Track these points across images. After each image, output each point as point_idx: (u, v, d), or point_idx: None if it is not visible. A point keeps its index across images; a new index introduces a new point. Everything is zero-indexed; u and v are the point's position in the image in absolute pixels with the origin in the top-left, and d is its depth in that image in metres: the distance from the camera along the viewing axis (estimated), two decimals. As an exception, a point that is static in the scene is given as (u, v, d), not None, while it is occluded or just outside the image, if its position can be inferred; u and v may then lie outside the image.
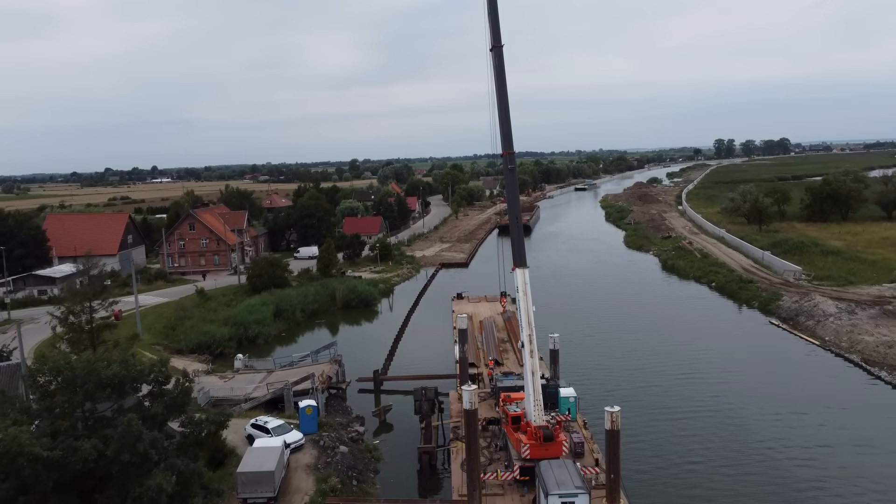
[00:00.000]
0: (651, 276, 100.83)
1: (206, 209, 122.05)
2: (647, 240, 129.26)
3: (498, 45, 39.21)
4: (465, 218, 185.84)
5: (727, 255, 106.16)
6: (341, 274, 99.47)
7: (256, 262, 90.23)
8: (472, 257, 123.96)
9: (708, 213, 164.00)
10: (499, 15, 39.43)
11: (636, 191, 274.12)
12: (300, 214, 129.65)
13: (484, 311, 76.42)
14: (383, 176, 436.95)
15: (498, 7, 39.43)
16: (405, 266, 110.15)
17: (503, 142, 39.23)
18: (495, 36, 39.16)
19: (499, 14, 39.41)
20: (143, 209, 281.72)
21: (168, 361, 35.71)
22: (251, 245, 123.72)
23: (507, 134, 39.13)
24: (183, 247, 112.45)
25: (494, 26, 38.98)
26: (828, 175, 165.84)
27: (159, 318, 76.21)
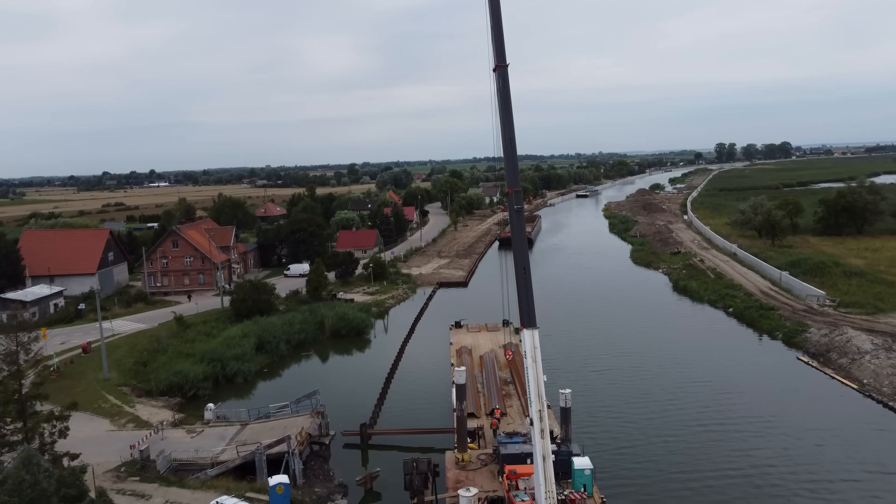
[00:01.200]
0: (662, 299, 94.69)
1: (192, 225, 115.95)
2: (655, 256, 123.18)
3: (502, 65, 33.41)
4: (465, 229, 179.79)
5: (742, 274, 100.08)
6: (332, 296, 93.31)
7: (240, 287, 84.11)
8: (472, 275, 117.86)
9: (716, 225, 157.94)
10: (503, 32, 33.78)
11: (639, 198, 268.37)
12: (291, 229, 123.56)
13: (484, 343, 70.36)
14: (382, 181, 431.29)
15: (502, 23, 33.67)
16: (401, 286, 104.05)
17: (509, 178, 33.26)
18: (499, 54, 33.38)
19: (503, 31, 33.89)
20: (136, 217, 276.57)
21: (85, 471, 29.73)
22: (239, 262, 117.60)
23: (513, 169, 33.26)
24: (166, 265, 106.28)
25: (498, 44, 33.82)
26: (843, 186, 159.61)
27: (132, 351, 70.07)
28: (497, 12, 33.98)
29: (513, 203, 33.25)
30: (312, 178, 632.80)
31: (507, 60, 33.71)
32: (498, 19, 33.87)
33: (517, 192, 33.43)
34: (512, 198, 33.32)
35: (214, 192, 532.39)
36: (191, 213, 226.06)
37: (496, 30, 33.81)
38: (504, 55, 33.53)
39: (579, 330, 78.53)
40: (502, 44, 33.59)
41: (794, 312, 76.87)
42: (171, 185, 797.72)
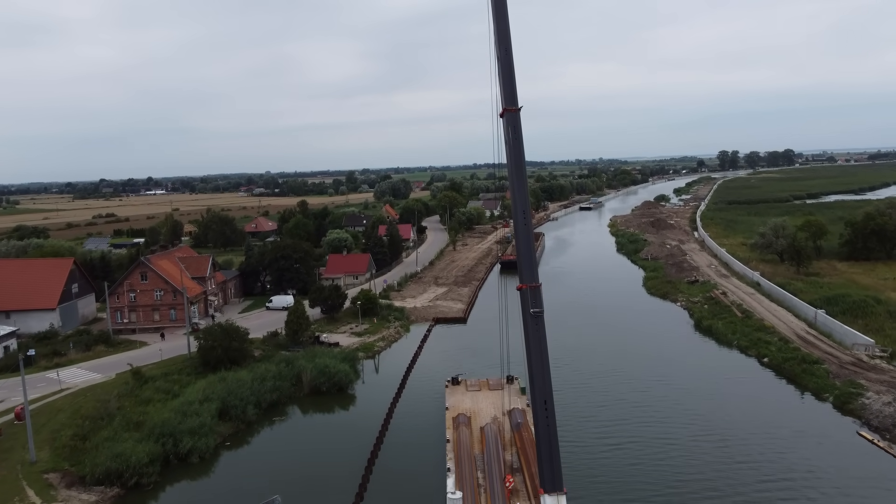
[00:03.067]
0: (684, 342, 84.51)
1: (164, 253, 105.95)
2: (670, 285, 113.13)
3: (512, 109, 24.45)
4: (464, 249, 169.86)
5: (771, 311, 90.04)
6: (314, 339, 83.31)
7: (209, 332, 74.04)
8: (472, 306, 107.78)
9: (732, 247, 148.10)
10: (514, 73, 27.99)
11: (645, 211, 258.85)
12: (275, 256, 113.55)
13: (486, 407, 60.31)
14: (380, 191, 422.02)
15: (514, 64, 26.39)
16: (392, 323, 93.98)
17: (523, 272, 23.58)
18: (510, 96, 24.93)
19: (514, 72, 28.18)
20: (124, 231, 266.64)
21: None
22: (216, 294, 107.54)
23: (528, 260, 23.98)
24: (133, 300, 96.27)
25: (509, 85, 28.17)
26: (860, 199, 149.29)
27: (74, 417, 60.04)
28: (507, 49, 28.93)
29: (528, 304, 23.49)
30: (310, 187, 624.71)
31: (518, 103, 24.47)
32: (509, 57, 28.45)
33: (534, 288, 23.67)
34: (528, 295, 23.56)
35: (210, 202, 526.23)
36: (177, 230, 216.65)
37: (506, 69, 28.50)
38: (516, 97, 24.46)
39: (594, 385, 68.52)
40: (513, 84, 25.09)
41: (842, 366, 66.85)
42: (167, 192, 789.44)
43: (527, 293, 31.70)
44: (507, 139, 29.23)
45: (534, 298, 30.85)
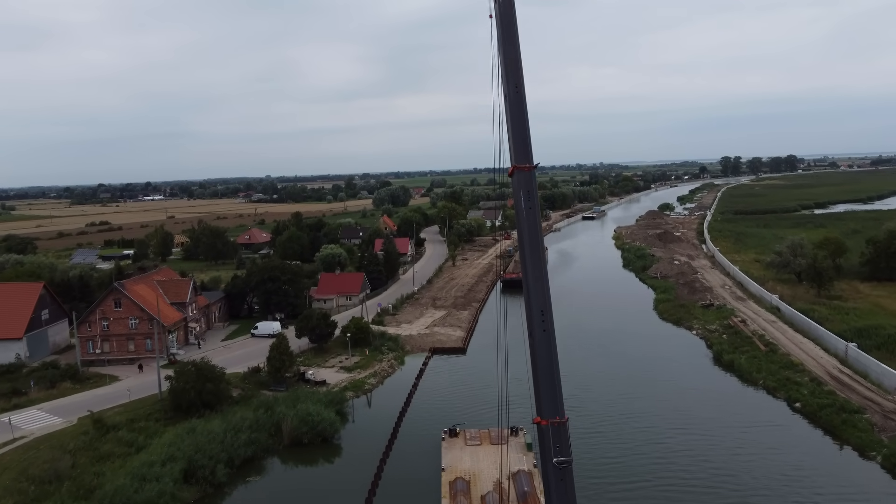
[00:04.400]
0: (703, 379, 77.27)
1: (141, 277, 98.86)
2: (684, 309, 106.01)
3: (524, 167, 18.47)
4: (464, 264, 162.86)
5: (797, 344, 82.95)
6: (299, 376, 76.26)
7: (182, 373, 66.95)
8: (472, 333, 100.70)
9: (745, 264, 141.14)
10: (528, 117, 24.15)
11: (650, 222, 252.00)
12: (262, 278, 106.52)
13: (487, 467, 53.24)
14: (379, 199, 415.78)
15: (526, 105, 24.40)
16: (386, 355, 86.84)
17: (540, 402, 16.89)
18: (522, 150, 22.94)
19: (528, 116, 24.39)
20: (115, 241, 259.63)
21: None
22: (198, 319, 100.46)
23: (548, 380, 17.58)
24: (106, 328, 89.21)
25: (521, 136, 24.12)
26: (892, 225, 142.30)
27: (20, 478, 52.92)
28: (518, 86, 25.51)
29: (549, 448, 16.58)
30: (309, 193, 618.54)
31: (533, 159, 18.31)
32: (520, 97, 24.86)
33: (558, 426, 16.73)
34: (548, 436, 16.66)
35: (207, 208, 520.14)
36: (168, 242, 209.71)
37: (517, 113, 24.74)
38: (529, 151, 18.56)
39: (607, 433, 61.44)
40: (527, 135, 20.57)
41: (886, 416, 59.73)
42: (165, 198, 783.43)
43: (547, 433, 24.34)
44: (519, 205, 23.82)
45: (558, 440, 23.54)
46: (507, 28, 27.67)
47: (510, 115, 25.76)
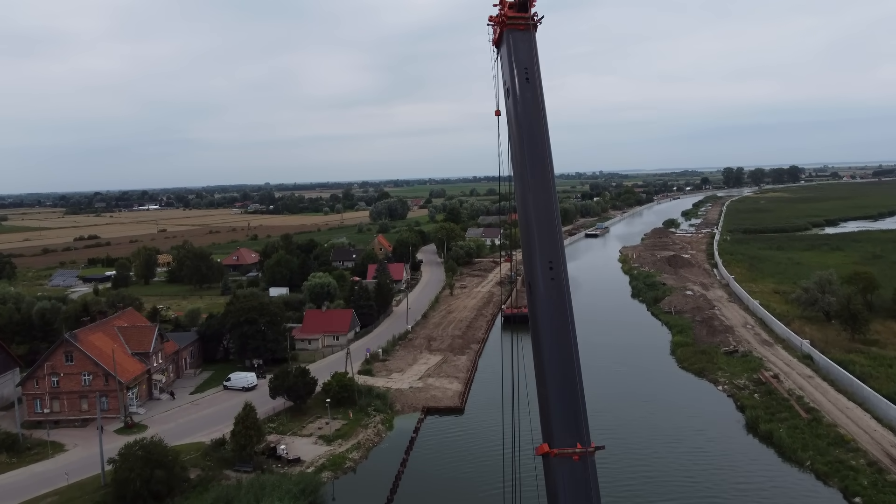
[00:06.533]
0: (737, 455, 66.84)
1: (101, 323, 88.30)
2: (706, 357, 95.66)
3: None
4: (462, 293, 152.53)
5: (842, 409, 72.59)
6: (269, 453, 65.80)
7: (127, 457, 56.51)
8: (470, 385, 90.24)
9: (765, 295, 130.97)
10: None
11: (656, 241, 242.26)
12: (237, 320, 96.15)
13: None
14: (376, 212, 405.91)
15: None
16: (372, 417, 76.38)
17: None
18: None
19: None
20: (100, 259, 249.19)
21: None
22: (164, 369, 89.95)
23: None
24: (56, 385, 78.76)
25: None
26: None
27: None
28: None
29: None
30: (306, 204, 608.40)
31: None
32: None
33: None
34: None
35: (201, 220, 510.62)
36: (151, 264, 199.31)
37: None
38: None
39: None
40: None
41: (971, 523, 49.44)
42: (161, 207, 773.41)
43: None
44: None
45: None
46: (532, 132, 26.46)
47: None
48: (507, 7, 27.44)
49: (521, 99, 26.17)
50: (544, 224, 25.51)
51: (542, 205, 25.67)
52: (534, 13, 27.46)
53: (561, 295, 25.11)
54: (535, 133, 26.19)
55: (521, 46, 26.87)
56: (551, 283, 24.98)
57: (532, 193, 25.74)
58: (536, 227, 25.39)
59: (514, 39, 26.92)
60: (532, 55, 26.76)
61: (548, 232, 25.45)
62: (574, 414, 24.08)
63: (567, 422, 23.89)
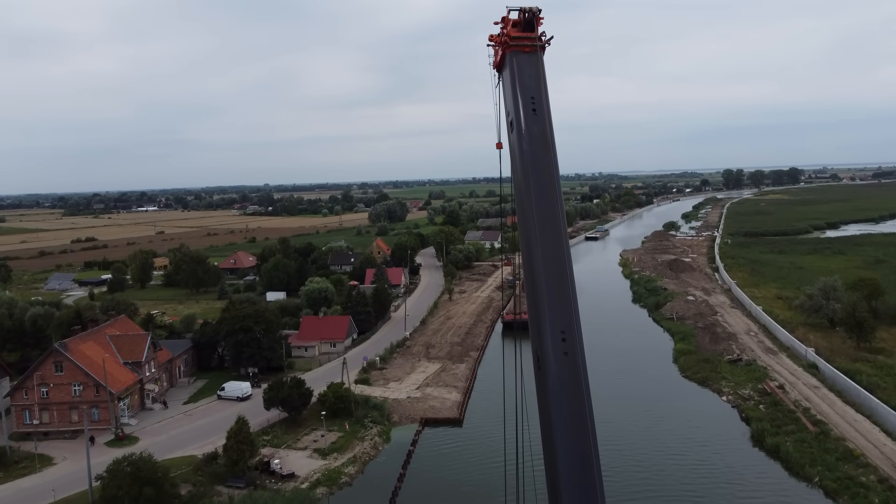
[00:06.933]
0: (743, 469, 65.22)
1: (92, 332, 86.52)
2: (709, 365, 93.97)
3: None
4: (461, 298, 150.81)
5: (850, 421, 70.89)
6: (262, 467, 64.03)
7: (115, 474, 54.78)
8: (469, 394, 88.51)
9: (767, 301, 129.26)
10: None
11: (656, 244, 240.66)
12: (232, 327, 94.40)
13: None
14: (375, 214, 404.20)
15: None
16: (369, 429, 74.63)
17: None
18: None
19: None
20: (96, 262, 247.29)
21: None
22: (157, 378, 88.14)
23: None
24: (46, 395, 77.01)
25: None
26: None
27: None
28: None
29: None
30: (305, 205, 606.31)
31: None
32: None
33: None
34: None
35: (199, 221, 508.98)
36: (147, 267, 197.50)
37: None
38: None
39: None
40: None
41: None
42: (159, 209, 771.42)
43: None
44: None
45: None
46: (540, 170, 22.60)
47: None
48: (510, 26, 23.93)
49: (528, 134, 22.44)
50: (555, 284, 21.08)
51: (552, 260, 21.44)
52: (541, 33, 23.94)
53: (576, 375, 20.29)
54: (544, 175, 22.25)
55: (527, 72, 23.34)
56: (564, 358, 20.27)
57: (541, 247, 21.61)
58: (546, 289, 20.98)
59: (518, 63, 23.45)
60: (540, 82, 23.24)
61: (559, 294, 20.98)
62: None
63: None
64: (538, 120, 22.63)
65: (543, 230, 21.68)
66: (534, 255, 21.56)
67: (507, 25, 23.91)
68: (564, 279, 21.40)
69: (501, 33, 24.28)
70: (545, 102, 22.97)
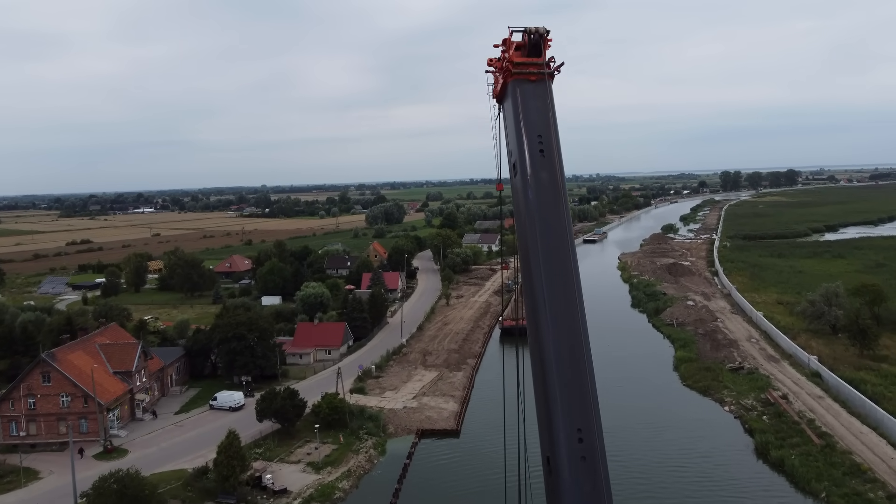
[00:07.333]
0: (748, 483, 63.75)
1: (81, 341, 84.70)
2: (710, 374, 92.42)
3: None
4: (459, 303, 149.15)
5: (855, 432, 69.43)
6: (254, 483, 62.30)
7: (100, 492, 53.03)
8: (467, 404, 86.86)
9: (768, 306, 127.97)
10: None
11: (655, 248, 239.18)
12: (225, 335, 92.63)
13: None
14: (372, 217, 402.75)
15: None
16: (364, 441, 72.93)
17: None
18: None
19: None
20: (91, 265, 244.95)
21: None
22: (148, 388, 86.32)
23: None
24: (33, 407, 75.20)
25: None
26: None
27: None
28: None
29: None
30: (302, 207, 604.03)
31: None
32: None
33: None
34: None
35: (196, 223, 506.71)
36: (142, 271, 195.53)
37: None
38: None
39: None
40: None
41: None
42: (156, 210, 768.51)
43: None
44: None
45: None
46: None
47: None
48: (512, 50, 20.09)
49: (535, 181, 18.51)
50: (569, 372, 16.87)
51: (565, 344, 17.08)
52: (550, 58, 19.99)
53: (596, 484, 16.21)
54: (555, 232, 18.27)
55: (533, 104, 19.50)
56: (581, 464, 16.23)
57: (551, 326, 17.29)
58: (558, 381, 16.75)
59: (522, 95, 19.63)
60: (549, 116, 19.42)
61: (575, 385, 16.80)
62: None
63: None
64: (547, 163, 18.80)
65: (553, 300, 17.48)
66: (543, 334, 17.31)
67: (510, 49, 20.14)
68: (581, 367, 17.03)
69: (502, 58, 20.59)
70: (555, 141, 19.21)
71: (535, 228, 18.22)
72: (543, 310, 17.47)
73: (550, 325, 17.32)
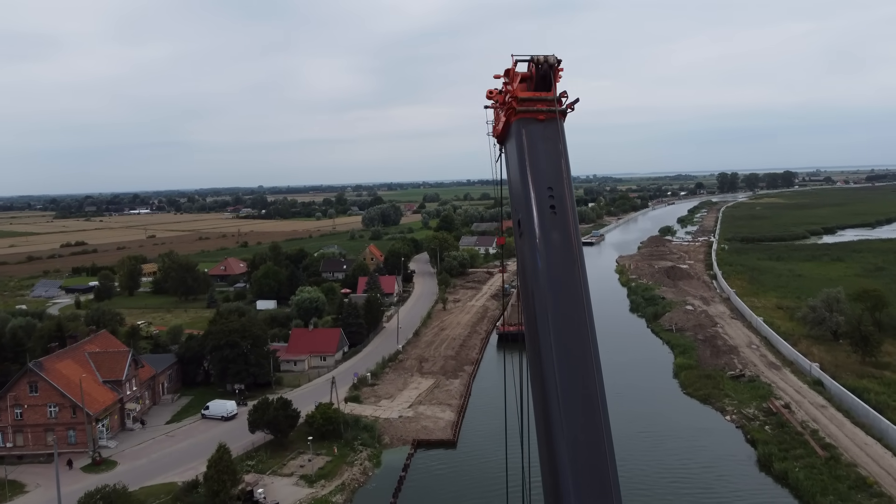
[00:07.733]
0: (747, 493, 62.33)
1: (70, 349, 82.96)
2: (711, 382, 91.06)
3: None
4: (456, 307, 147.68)
5: (860, 444, 68.13)
6: (245, 498, 60.70)
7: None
8: (464, 412, 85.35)
9: (768, 311, 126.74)
10: None
11: (653, 250, 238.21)
12: (218, 342, 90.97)
13: None
14: (368, 218, 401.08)
15: None
16: (359, 453, 71.37)
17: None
18: None
19: None
20: (85, 268, 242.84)
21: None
22: (139, 397, 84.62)
23: None
24: (20, 417, 73.49)
25: None
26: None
27: None
28: None
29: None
30: (298, 208, 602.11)
31: None
32: None
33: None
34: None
35: (192, 224, 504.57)
36: (135, 275, 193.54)
37: None
38: None
39: None
40: None
41: None
42: (152, 211, 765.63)
43: None
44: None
45: None
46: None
47: None
48: (516, 82, 16.55)
49: (544, 243, 14.96)
50: (588, 477, 14.00)
51: (583, 445, 13.95)
52: (562, 93, 16.50)
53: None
54: (571, 305, 14.54)
55: (543, 149, 16.03)
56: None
57: (564, 420, 13.85)
58: (573, 484, 13.75)
59: (529, 137, 16.10)
60: (561, 163, 15.94)
61: (598, 487, 14.11)
62: None
63: None
64: (559, 222, 15.14)
65: (569, 389, 13.94)
66: (555, 434, 13.88)
67: (513, 81, 16.64)
68: (604, 468, 14.19)
69: (505, 91, 17.00)
70: (568, 194, 15.59)
71: (545, 301, 14.54)
72: (556, 406, 13.80)
73: (565, 425, 13.70)
